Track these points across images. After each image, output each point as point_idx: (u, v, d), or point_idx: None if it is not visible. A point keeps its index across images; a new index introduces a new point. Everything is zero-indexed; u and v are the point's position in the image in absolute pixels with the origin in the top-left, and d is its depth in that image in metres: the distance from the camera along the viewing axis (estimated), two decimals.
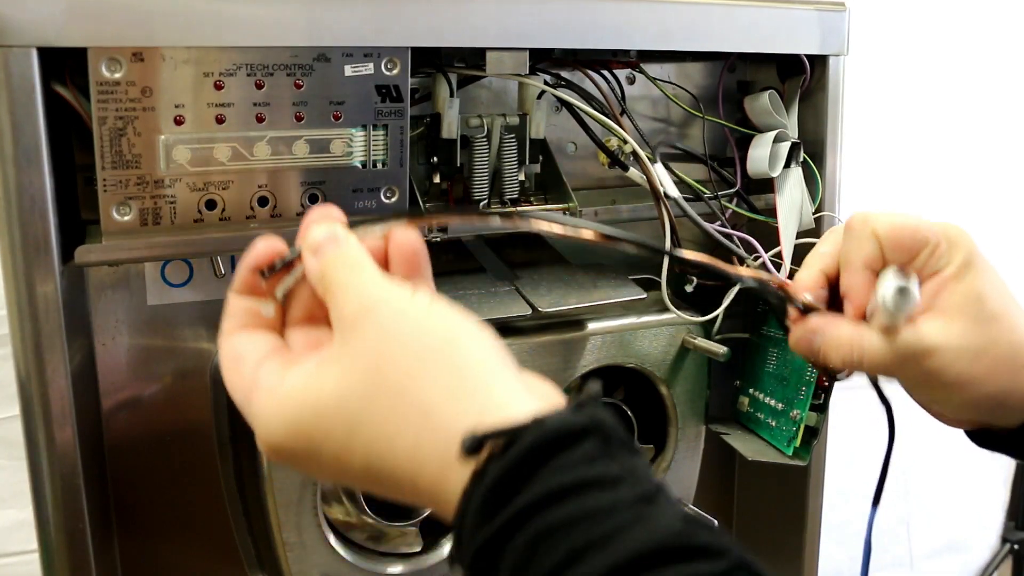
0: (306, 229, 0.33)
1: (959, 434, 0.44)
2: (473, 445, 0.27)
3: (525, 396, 0.29)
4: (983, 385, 0.38)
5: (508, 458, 0.26)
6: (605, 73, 0.57)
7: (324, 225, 0.33)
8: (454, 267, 0.58)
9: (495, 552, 0.26)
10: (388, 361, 0.29)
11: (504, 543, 0.26)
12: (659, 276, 0.55)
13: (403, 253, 0.34)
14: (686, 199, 0.55)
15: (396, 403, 0.29)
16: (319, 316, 0.34)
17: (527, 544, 0.25)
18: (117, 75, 0.43)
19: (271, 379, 0.31)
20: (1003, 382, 0.38)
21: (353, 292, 0.31)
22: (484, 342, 0.30)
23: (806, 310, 0.40)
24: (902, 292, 0.37)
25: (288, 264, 0.33)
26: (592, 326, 0.57)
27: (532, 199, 0.57)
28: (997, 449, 0.43)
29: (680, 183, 0.57)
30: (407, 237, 0.34)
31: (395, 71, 0.48)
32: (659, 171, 0.53)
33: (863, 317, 0.39)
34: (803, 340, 0.40)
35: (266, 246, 0.34)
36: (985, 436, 0.42)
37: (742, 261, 0.59)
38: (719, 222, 0.58)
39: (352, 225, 0.33)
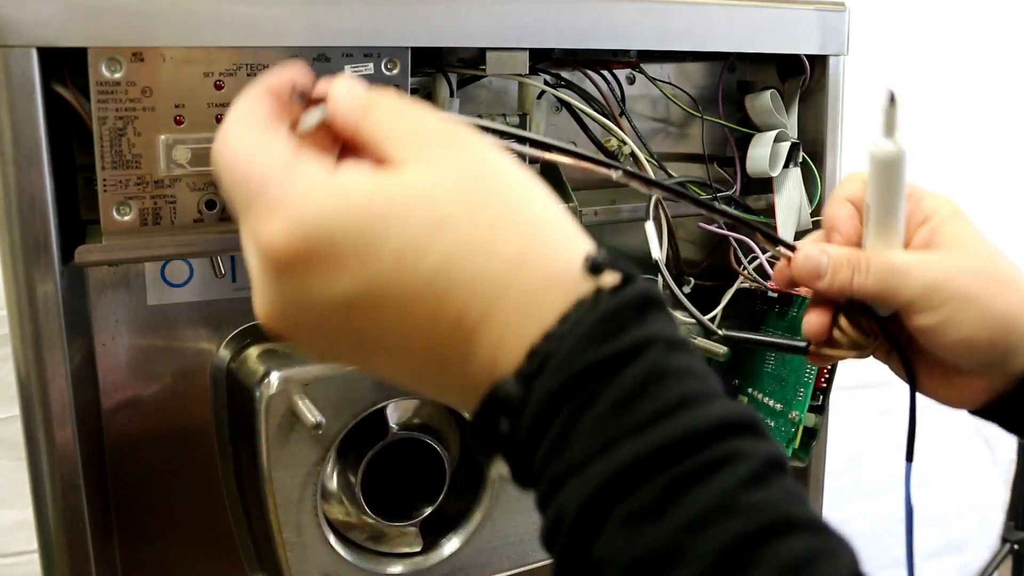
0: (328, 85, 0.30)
1: (959, 434, 0.44)
2: (596, 266, 0.26)
3: None
4: (988, 303, 0.39)
5: (628, 292, 0.26)
6: (605, 73, 0.57)
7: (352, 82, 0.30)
8: None
9: (598, 378, 0.25)
10: (489, 172, 0.27)
11: (612, 372, 0.25)
12: (658, 276, 0.55)
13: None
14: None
15: (501, 210, 0.26)
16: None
17: (638, 379, 0.25)
18: (117, 75, 0.43)
19: (316, 170, 0.27)
20: (1008, 303, 0.39)
21: (417, 118, 0.28)
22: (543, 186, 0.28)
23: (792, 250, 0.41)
24: (893, 98, 0.38)
25: (309, 103, 0.30)
26: None
27: None
28: (1005, 421, 0.43)
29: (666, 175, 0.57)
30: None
31: (395, 71, 0.48)
32: (649, 230, 0.52)
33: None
34: (810, 259, 0.40)
35: (301, 71, 0.31)
36: (990, 410, 0.43)
37: (739, 263, 0.60)
38: (716, 223, 0.58)
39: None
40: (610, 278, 0.26)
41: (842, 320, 0.41)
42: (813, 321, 0.42)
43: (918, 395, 0.43)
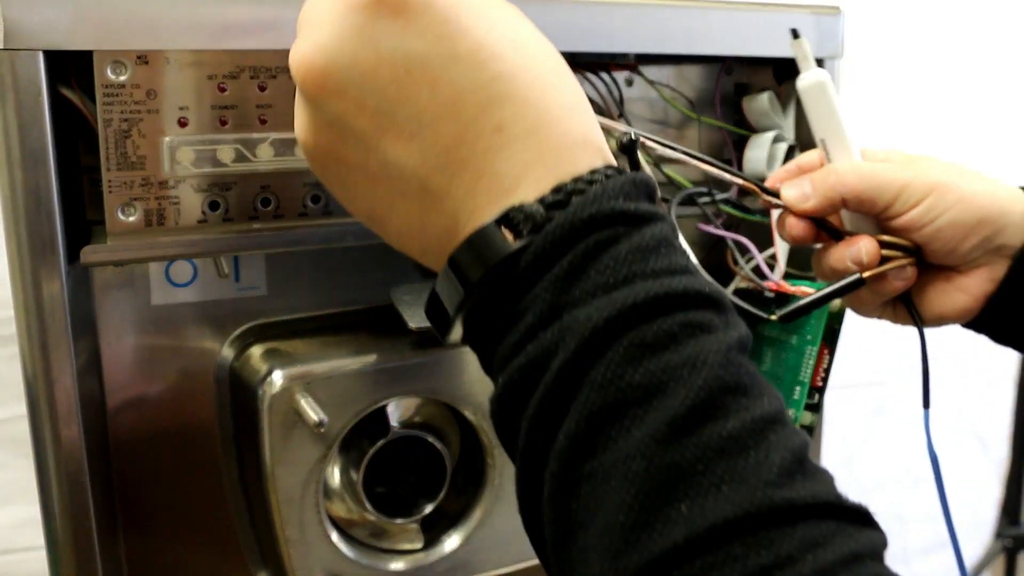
0: None
1: (955, 432, 0.45)
2: (631, 144, 0.31)
3: None
4: (966, 185, 0.42)
5: (646, 176, 0.28)
6: (603, 76, 0.58)
7: None
8: None
9: (621, 223, 0.27)
10: (542, 39, 0.30)
11: (634, 224, 0.27)
12: None
13: None
14: (681, 203, 0.56)
15: (565, 72, 0.29)
16: None
17: (656, 238, 0.27)
18: (122, 78, 0.43)
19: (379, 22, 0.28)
20: (984, 182, 0.42)
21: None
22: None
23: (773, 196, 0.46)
24: (795, 33, 0.44)
25: None
26: None
27: None
28: (999, 331, 0.45)
29: (670, 183, 0.58)
30: None
31: None
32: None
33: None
34: (792, 186, 0.45)
35: None
36: (986, 321, 0.45)
37: (736, 263, 0.60)
38: (713, 224, 0.59)
39: None
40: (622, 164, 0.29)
41: (883, 237, 0.44)
42: (841, 250, 0.45)
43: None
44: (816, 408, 0.59)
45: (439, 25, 0.28)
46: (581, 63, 0.57)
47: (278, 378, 0.51)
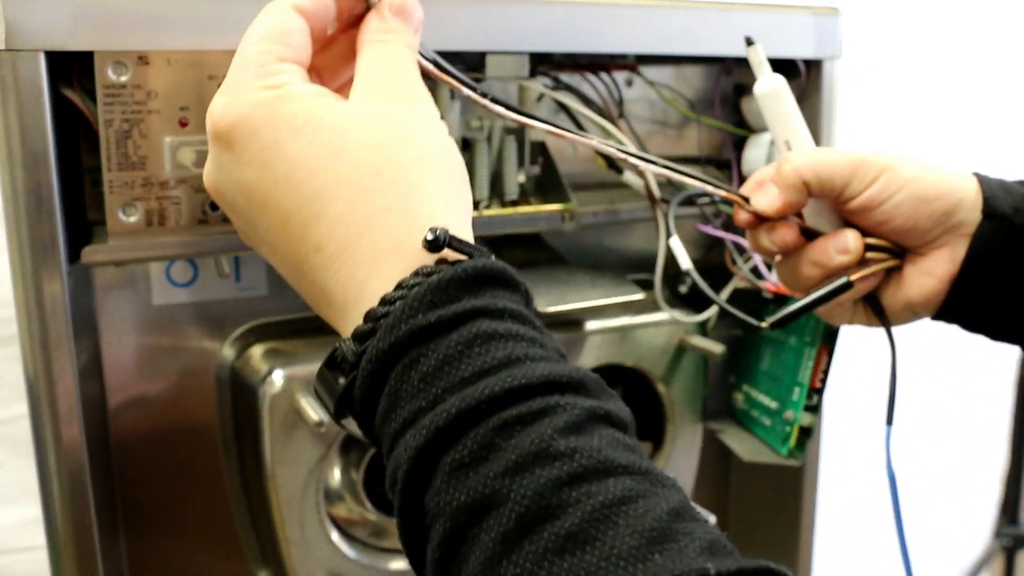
0: None
1: (953, 432, 0.45)
2: (439, 243, 0.28)
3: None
4: (918, 165, 0.43)
5: (464, 267, 0.28)
6: (603, 76, 0.58)
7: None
8: None
9: (425, 340, 0.27)
10: (406, 134, 0.30)
11: (440, 334, 0.27)
12: (656, 276, 0.56)
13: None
14: (681, 204, 0.56)
15: (389, 167, 0.29)
16: (336, 59, 0.35)
17: (463, 341, 0.27)
18: (123, 78, 0.43)
19: (280, 73, 0.31)
20: (935, 163, 0.43)
21: (396, 68, 0.32)
22: (470, 194, 0.32)
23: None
24: (749, 41, 0.46)
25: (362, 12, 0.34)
26: (591, 326, 0.58)
27: (531, 200, 0.57)
28: (971, 304, 0.45)
29: (669, 184, 0.58)
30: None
31: None
32: (674, 245, 0.53)
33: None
34: (761, 186, 0.45)
35: None
36: (953, 307, 0.45)
37: (735, 263, 0.60)
38: (712, 224, 0.59)
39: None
40: (452, 255, 0.29)
41: (869, 240, 0.44)
42: (820, 250, 0.44)
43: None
44: (815, 409, 0.59)
45: (261, 152, 0.30)
46: (581, 64, 0.58)
47: (279, 378, 0.51)
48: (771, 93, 0.47)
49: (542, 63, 0.56)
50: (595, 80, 0.58)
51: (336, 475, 0.56)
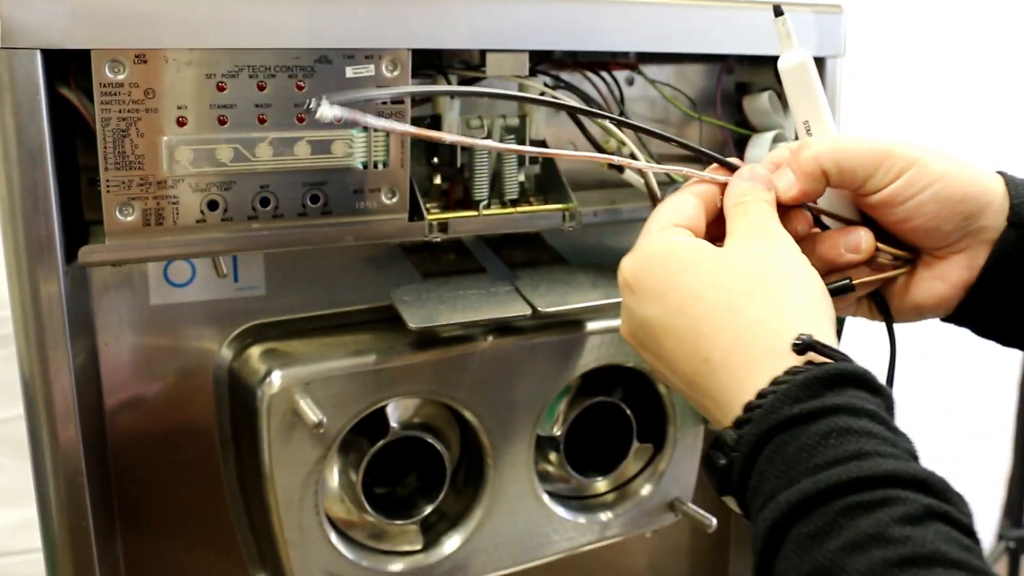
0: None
1: (954, 432, 0.45)
2: (805, 347, 0.33)
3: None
4: (946, 161, 0.41)
5: (827, 368, 0.33)
6: (604, 75, 0.58)
7: (760, 172, 0.41)
8: (454, 267, 0.59)
9: (791, 428, 0.32)
10: (772, 262, 0.37)
11: (802, 424, 0.32)
12: None
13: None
14: None
15: (758, 288, 0.36)
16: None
17: (821, 433, 0.31)
18: (120, 77, 0.43)
19: (670, 233, 0.39)
20: (964, 160, 0.41)
21: (756, 219, 0.39)
22: (832, 310, 0.37)
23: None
24: (778, 10, 0.43)
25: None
26: (591, 326, 0.58)
27: (532, 200, 0.57)
28: (987, 309, 0.44)
29: (672, 182, 0.58)
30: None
31: (396, 73, 0.48)
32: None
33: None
34: (774, 169, 0.43)
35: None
36: (967, 312, 0.44)
37: None
38: None
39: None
40: (818, 357, 0.34)
41: (881, 247, 0.43)
42: (829, 247, 0.43)
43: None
44: None
45: (657, 288, 0.38)
46: (581, 62, 0.57)
47: (277, 379, 0.51)
48: (796, 68, 0.43)
49: (542, 61, 0.56)
50: (595, 79, 0.57)
51: (335, 476, 0.56)
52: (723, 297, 0.36)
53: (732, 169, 0.43)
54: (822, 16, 0.59)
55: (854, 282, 0.43)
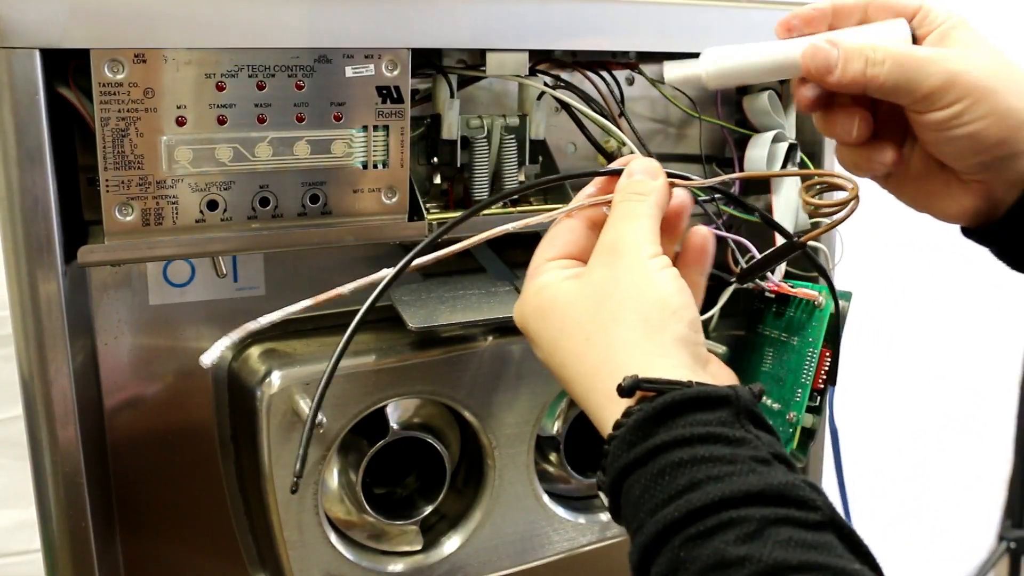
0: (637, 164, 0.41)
1: (959, 434, 0.44)
2: (628, 389, 0.34)
3: (691, 368, 0.36)
4: (1003, 99, 0.38)
5: (653, 405, 0.34)
6: (604, 74, 0.58)
7: (654, 166, 0.41)
8: (454, 267, 0.59)
9: (630, 473, 0.33)
10: (612, 294, 0.37)
11: (638, 468, 0.33)
12: None
13: (674, 210, 0.42)
14: None
15: (598, 331, 0.37)
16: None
17: (656, 472, 0.33)
18: (119, 76, 0.43)
19: (544, 272, 0.41)
20: (1021, 101, 0.38)
21: (606, 233, 0.39)
22: (681, 318, 0.37)
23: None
24: None
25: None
26: None
27: (532, 200, 0.57)
28: (990, 242, 0.43)
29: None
30: (680, 199, 0.42)
31: (396, 72, 0.48)
32: None
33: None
34: (819, 52, 0.40)
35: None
36: (988, 232, 0.43)
37: (736, 263, 0.60)
38: (714, 224, 0.59)
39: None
40: (644, 394, 0.34)
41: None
42: (843, 121, 0.42)
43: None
44: (817, 411, 0.58)
45: (532, 336, 0.41)
46: (581, 62, 0.57)
47: (276, 379, 0.51)
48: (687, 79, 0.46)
49: (542, 61, 0.56)
50: (596, 78, 0.57)
51: (334, 477, 0.56)
52: (570, 345, 0.38)
53: (616, 173, 0.42)
54: None
55: (800, 240, 0.43)
